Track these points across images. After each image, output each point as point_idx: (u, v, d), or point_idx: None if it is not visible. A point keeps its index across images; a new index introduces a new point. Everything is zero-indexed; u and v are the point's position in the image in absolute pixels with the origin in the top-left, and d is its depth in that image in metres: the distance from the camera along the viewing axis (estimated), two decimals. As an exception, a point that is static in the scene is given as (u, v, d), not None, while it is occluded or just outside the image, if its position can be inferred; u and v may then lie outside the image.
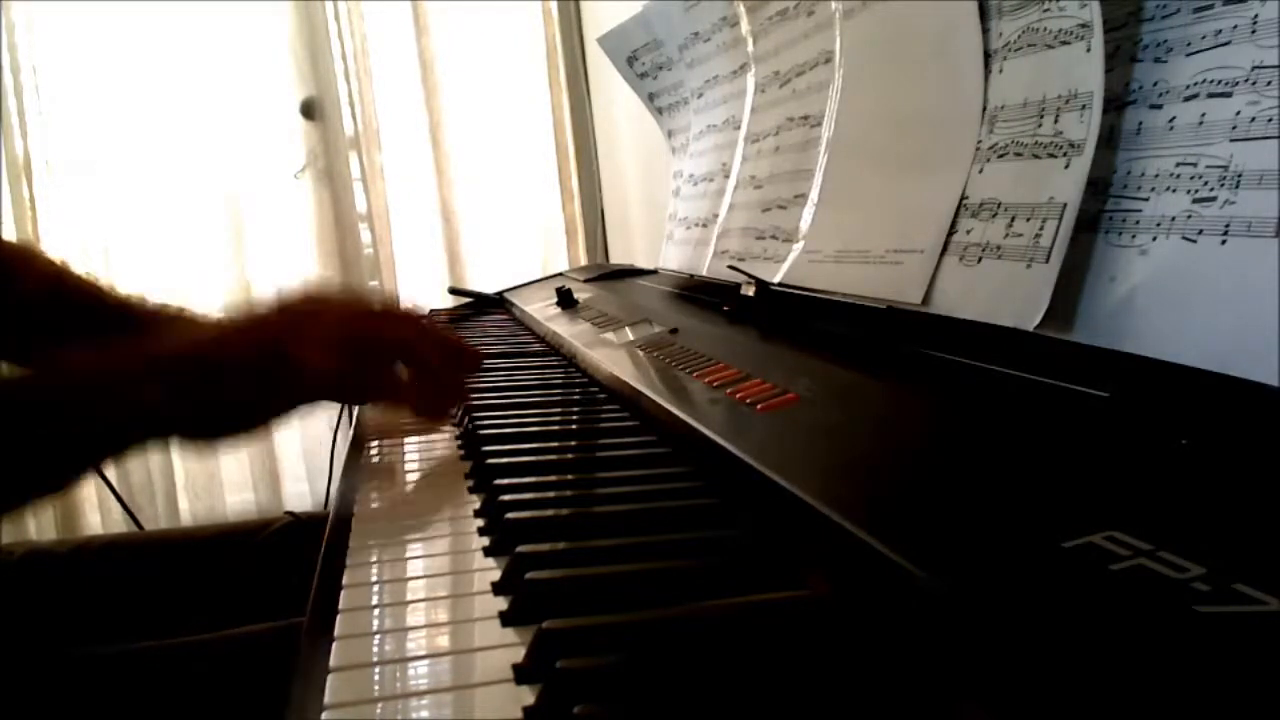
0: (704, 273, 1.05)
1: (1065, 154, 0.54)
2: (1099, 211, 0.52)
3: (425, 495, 0.60)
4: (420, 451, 0.71)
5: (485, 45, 2.24)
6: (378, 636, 0.39)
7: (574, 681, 0.31)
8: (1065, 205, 0.52)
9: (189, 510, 2.14)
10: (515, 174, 2.28)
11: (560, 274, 1.67)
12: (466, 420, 0.71)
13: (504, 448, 0.63)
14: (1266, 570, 0.27)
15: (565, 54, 2.24)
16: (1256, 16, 0.44)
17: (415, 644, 0.39)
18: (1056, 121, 0.55)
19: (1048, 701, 0.26)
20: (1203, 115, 0.46)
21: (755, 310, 0.83)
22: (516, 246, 2.28)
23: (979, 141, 0.62)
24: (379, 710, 0.33)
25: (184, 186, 2.11)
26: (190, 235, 2.13)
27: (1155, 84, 0.50)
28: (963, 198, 0.62)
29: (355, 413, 0.84)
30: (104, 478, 1.57)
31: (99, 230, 2.08)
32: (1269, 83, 0.43)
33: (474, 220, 2.27)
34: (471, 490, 0.58)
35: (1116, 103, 0.52)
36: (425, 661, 0.37)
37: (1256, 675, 0.24)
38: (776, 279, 0.84)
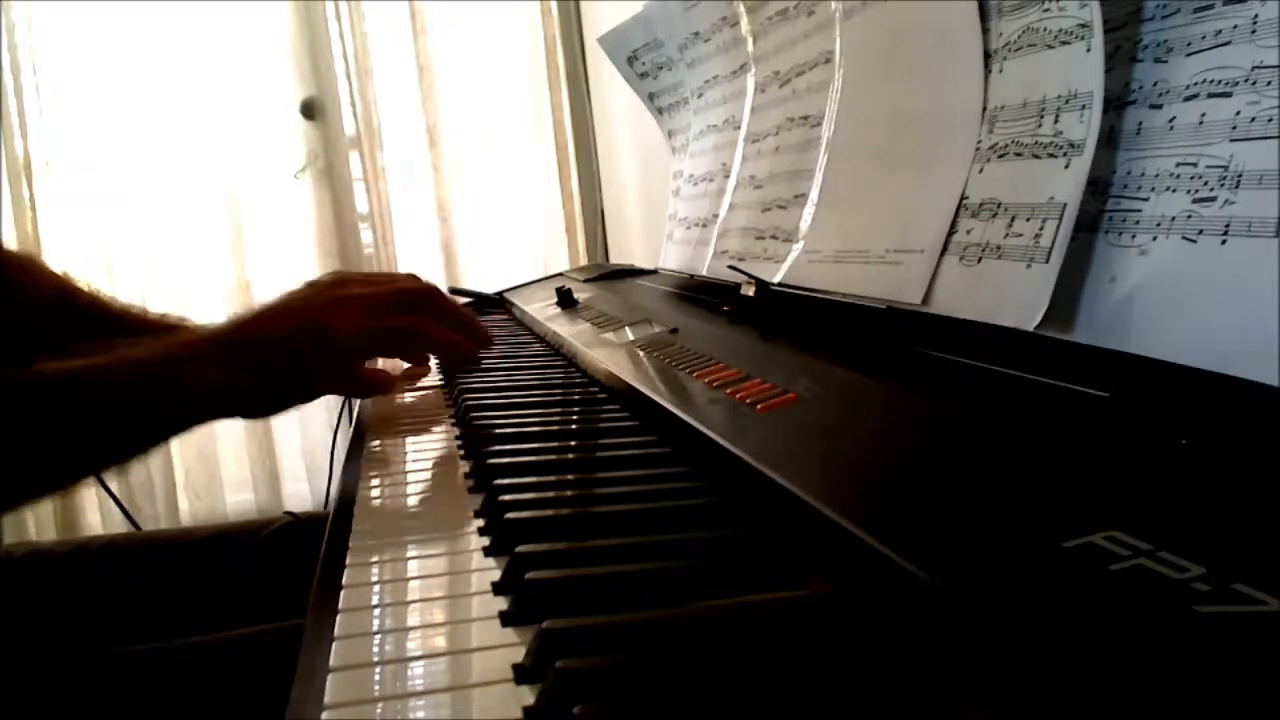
0: (704, 273, 1.05)
1: (1065, 154, 0.54)
2: (1099, 211, 0.51)
3: (425, 495, 0.60)
4: (420, 451, 0.71)
5: (485, 45, 2.24)
6: (378, 636, 0.39)
7: (574, 681, 0.31)
8: (1065, 205, 0.52)
9: (189, 510, 2.14)
10: (515, 174, 2.28)
11: (560, 274, 1.67)
12: (466, 420, 0.72)
13: (504, 448, 0.63)
14: (1266, 570, 0.27)
15: (565, 54, 2.24)
16: (1256, 16, 0.44)
17: (415, 644, 0.39)
18: (1056, 121, 0.55)
19: (1049, 702, 0.26)
20: (1203, 115, 0.46)
21: (755, 310, 0.83)
22: (516, 246, 2.28)
23: (979, 141, 0.62)
24: (379, 710, 0.33)
25: (184, 186, 2.11)
26: (190, 235, 2.13)
27: (1155, 84, 0.50)
28: (963, 198, 0.62)
29: (355, 412, 0.84)
30: (101, 481, 1.57)
31: (99, 230, 2.08)
32: (1269, 83, 0.43)
33: (474, 220, 2.27)
34: (471, 490, 0.58)
35: (1116, 103, 0.52)
36: (425, 661, 0.37)
37: (1256, 675, 0.24)
38: (776, 279, 0.84)
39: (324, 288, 0.70)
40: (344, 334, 0.67)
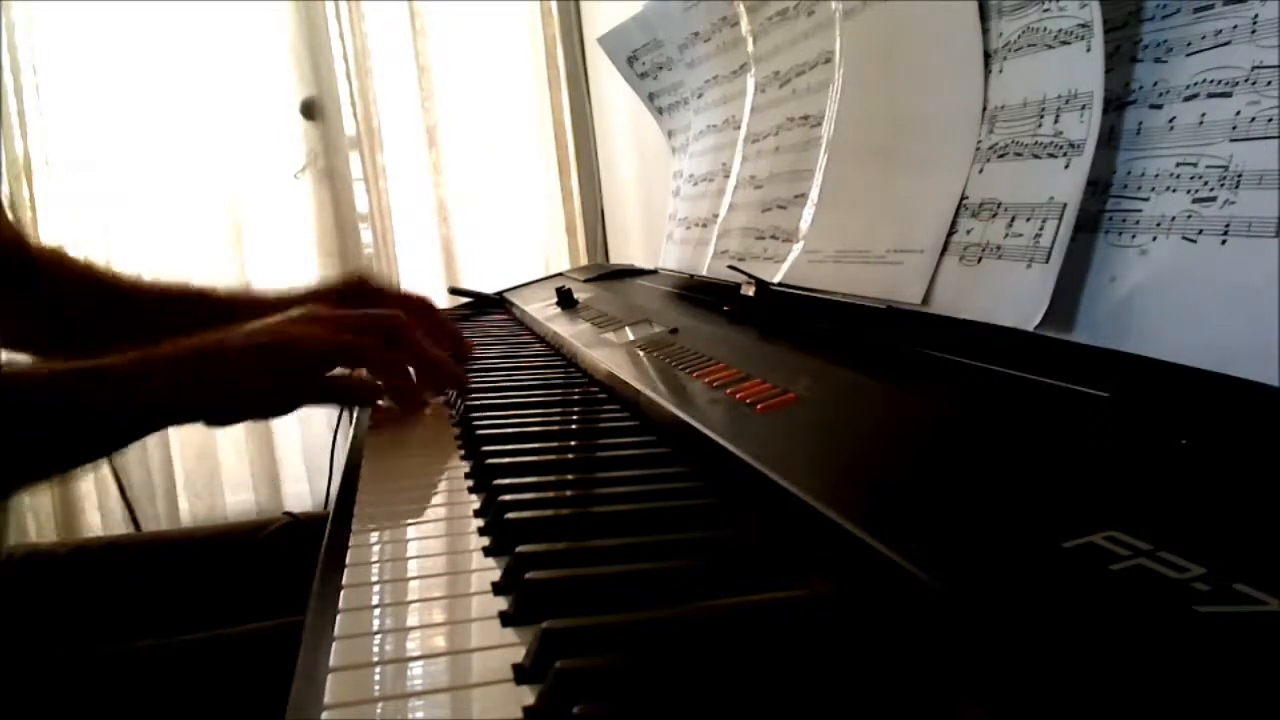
0: (704, 273, 1.05)
1: (1065, 154, 0.54)
2: (1099, 211, 0.51)
3: (425, 495, 0.60)
4: (420, 451, 0.71)
5: (485, 45, 2.24)
6: (378, 636, 0.39)
7: (574, 681, 0.31)
8: (1065, 205, 0.52)
9: (189, 510, 2.14)
10: (515, 174, 2.28)
11: (560, 274, 1.67)
12: (466, 420, 0.72)
13: (504, 448, 0.63)
14: (1266, 570, 0.27)
15: (565, 54, 2.24)
16: (1256, 16, 0.44)
17: (415, 644, 0.39)
18: (1056, 121, 0.55)
19: (1049, 702, 0.26)
20: (1203, 115, 0.46)
21: (755, 310, 0.83)
22: (517, 246, 2.28)
23: (979, 141, 0.62)
24: (379, 710, 0.33)
25: (184, 186, 2.11)
26: (190, 235, 2.13)
27: (1155, 84, 0.50)
28: (963, 198, 0.62)
29: (355, 413, 0.84)
30: (116, 477, 1.58)
31: (99, 230, 2.08)
32: (1269, 83, 0.43)
33: (474, 220, 2.27)
34: (471, 490, 0.58)
35: (1116, 103, 0.52)
36: (425, 661, 0.37)
37: (1256, 675, 0.24)
38: (776, 279, 0.84)
39: (294, 313, 0.73)
40: (308, 344, 0.69)
